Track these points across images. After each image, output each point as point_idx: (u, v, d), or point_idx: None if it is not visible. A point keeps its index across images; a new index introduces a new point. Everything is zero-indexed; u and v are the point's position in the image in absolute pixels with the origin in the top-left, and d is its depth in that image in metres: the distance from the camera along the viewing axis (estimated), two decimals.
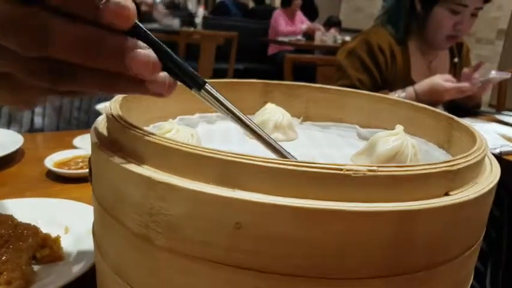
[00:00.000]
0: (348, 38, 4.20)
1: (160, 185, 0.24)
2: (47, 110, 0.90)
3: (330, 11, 5.56)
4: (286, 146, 0.44)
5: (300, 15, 4.41)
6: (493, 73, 1.18)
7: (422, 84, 1.20)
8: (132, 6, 0.23)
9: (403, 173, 0.22)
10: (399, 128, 0.38)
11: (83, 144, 0.75)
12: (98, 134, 0.32)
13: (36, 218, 0.45)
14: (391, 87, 1.27)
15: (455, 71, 1.38)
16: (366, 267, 0.22)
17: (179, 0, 5.20)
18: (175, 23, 3.57)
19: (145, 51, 0.24)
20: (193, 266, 0.24)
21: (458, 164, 0.24)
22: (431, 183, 0.24)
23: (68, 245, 0.44)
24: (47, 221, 0.46)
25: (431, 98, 1.15)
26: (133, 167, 0.25)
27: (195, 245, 0.24)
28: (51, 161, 0.65)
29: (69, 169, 0.64)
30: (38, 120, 0.90)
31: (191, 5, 5.22)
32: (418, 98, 1.17)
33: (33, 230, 0.42)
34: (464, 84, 1.16)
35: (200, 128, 0.48)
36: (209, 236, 0.23)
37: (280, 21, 4.21)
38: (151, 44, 0.25)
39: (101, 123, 0.35)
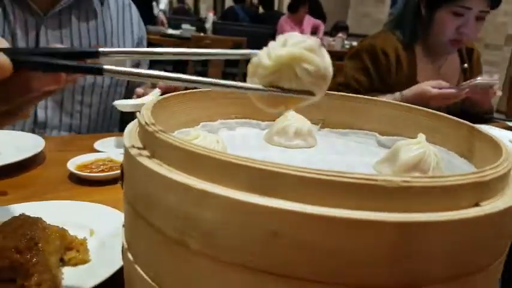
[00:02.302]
0: (354, 43, 4.21)
1: (196, 191, 0.25)
2: (49, 103, 0.92)
3: (337, 16, 5.56)
4: (307, 153, 0.45)
5: (308, 20, 4.42)
6: (479, 79, 1.16)
7: (410, 90, 1.20)
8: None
9: (436, 184, 0.23)
10: (421, 136, 0.38)
11: (104, 147, 0.76)
12: (131, 139, 0.33)
13: (62, 220, 0.46)
14: (396, 91, 1.27)
15: (465, 76, 1.38)
16: (398, 277, 0.23)
17: (188, 6, 5.25)
18: (187, 28, 3.60)
19: None
20: (227, 271, 0.25)
21: (488, 175, 0.25)
22: (462, 194, 0.24)
23: (93, 247, 0.45)
24: (72, 224, 0.47)
25: (417, 103, 1.13)
26: (168, 173, 0.26)
27: (229, 251, 0.24)
28: (73, 164, 0.66)
29: (91, 172, 0.65)
30: (41, 114, 0.92)
31: (203, 11, 5.25)
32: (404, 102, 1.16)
33: (61, 233, 0.43)
34: (450, 91, 1.15)
35: (221, 134, 0.49)
36: (244, 242, 0.24)
37: (285, 27, 4.23)
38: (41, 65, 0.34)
39: (132, 128, 0.36)
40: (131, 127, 0.36)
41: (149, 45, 1.14)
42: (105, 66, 0.36)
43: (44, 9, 0.89)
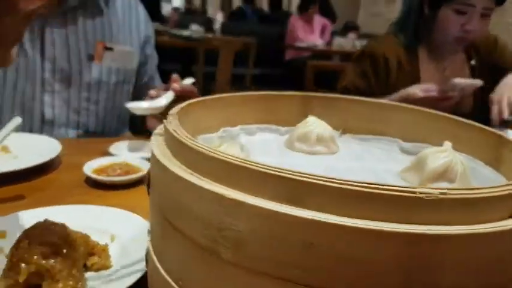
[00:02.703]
0: (365, 43, 4.19)
1: (230, 201, 0.25)
2: (56, 101, 0.93)
3: (348, 16, 5.54)
4: (329, 160, 0.45)
5: (318, 20, 4.41)
6: (455, 81, 1.12)
7: (396, 94, 1.17)
8: None
9: (473, 196, 0.23)
10: (447, 144, 0.38)
11: (118, 151, 0.77)
12: (159, 146, 0.33)
13: (83, 225, 0.47)
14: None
15: (473, 74, 1.34)
16: None
17: (196, 6, 5.26)
18: (195, 29, 3.60)
19: None
20: (260, 281, 0.25)
21: None
22: (497, 205, 0.24)
23: (115, 253, 0.45)
24: (93, 229, 0.47)
25: None
26: (201, 183, 0.26)
27: (262, 261, 0.24)
28: (89, 168, 0.66)
29: (107, 176, 0.66)
30: (48, 111, 0.93)
31: (211, 10, 5.27)
32: None
33: (84, 239, 0.43)
34: (432, 94, 1.11)
35: (241, 140, 0.48)
36: (278, 253, 0.24)
37: (297, 26, 4.22)
38: None
39: (159, 135, 0.36)
40: (157, 133, 0.37)
41: (157, 47, 1.14)
42: None
43: (49, 9, 0.89)
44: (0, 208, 0.57)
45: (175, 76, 0.88)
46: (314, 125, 0.46)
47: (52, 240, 0.39)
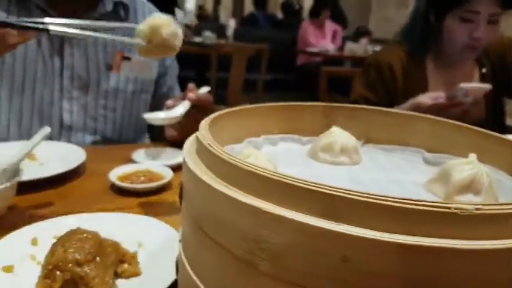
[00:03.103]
0: (377, 48, 4.18)
1: (268, 215, 0.25)
2: (74, 107, 0.95)
3: (359, 21, 5.54)
4: (354, 170, 0.46)
5: (329, 25, 4.42)
6: (462, 85, 1.09)
7: (405, 104, 1.15)
8: None
9: (508, 211, 0.23)
10: (473, 156, 0.38)
11: (141, 158, 0.78)
12: (192, 158, 0.34)
13: (111, 232, 0.48)
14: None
15: (484, 82, 1.30)
16: None
17: (207, 12, 5.31)
18: (208, 35, 3.64)
19: None
20: None
21: None
22: None
23: (143, 260, 0.46)
24: (121, 236, 0.48)
25: None
26: (239, 196, 0.27)
27: (299, 274, 0.25)
28: (114, 175, 0.68)
29: (131, 183, 0.67)
30: (66, 117, 0.95)
31: (223, 17, 5.31)
32: None
33: (115, 246, 0.44)
34: (440, 101, 1.09)
35: (264, 150, 0.49)
36: (314, 266, 0.24)
37: (309, 32, 4.23)
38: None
39: (191, 146, 0.37)
40: (189, 145, 0.38)
41: None
42: (51, 27, 0.57)
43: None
44: (29, 215, 0.59)
45: (191, 85, 0.90)
46: (338, 135, 0.47)
47: (86, 247, 0.40)
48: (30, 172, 0.67)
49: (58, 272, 0.39)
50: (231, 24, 4.23)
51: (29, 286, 0.42)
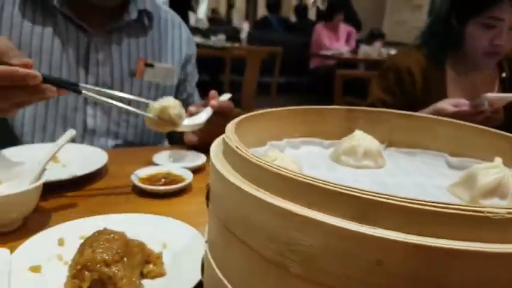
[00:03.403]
0: (392, 51, 4.16)
1: (300, 218, 0.26)
2: (98, 112, 0.97)
3: (373, 24, 5.51)
4: (378, 174, 0.46)
5: (343, 28, 4.41)
6: (488, 95, 1.06)
7: (426, 110, 1.13)
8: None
9: None
10: (498, 160, 0.38)
11: (162, 160, 0.79)
12: (219, 161, 0.34)
13: (136, 233, 0.49)
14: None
15: (503, 87, 1.30)
16: None
17: (220, 16, 5.34)
18: (220, 38, 3.67)
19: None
20: None
21: None
22: None
23: (167, 261, 0.47)
24: (146, 237, 0.49)
25: None
26: (270, 199, 0.27)
27: (331, 276, 0.25)
28: (136, 177, 0.69)
29: (153, 185, 0.68)
30: (90, 122, 0.96)
31: (236, 20, 5.33)
32: None
33: (141, 247, 0.45)
34: (464, 109, 1.07)
35: (287, 153, 0.50)
36: (347, 269, 0.25)
37: (323, 35, 4.23)
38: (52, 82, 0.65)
39: (217, 149, 0.37)
40: (215, 147, 0.38)
41: None
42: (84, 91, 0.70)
43: (95, 29, 0.94)
44: (54, 216, 0.60)
45: (213, 93, 0.91)
46: (361, 139, 0.47)
47: (114, 248, 0.41)
48: (53, 174, 0.69)
49: (86, 272, 0.40)
50: (245, 27, 4.25)
51: (56, 286, 0.43)
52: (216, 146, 0.39)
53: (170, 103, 0.73)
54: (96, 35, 0.94)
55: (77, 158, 0.79)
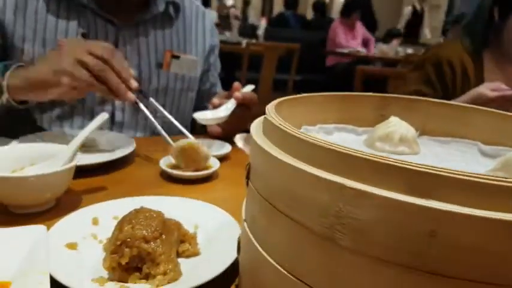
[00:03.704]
0: (409, 50, 4.12)
1: (352, 191, 0.26)
2: (126, 106, 0.98)
3: (390, 23, 5.47)
4: (413, 160, 0.45)
5: (360, 27, 4.38)
6: None
7: (465, 95, 1.13)
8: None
9: None
10: None
11: None
12: (263, 139, 0.35)
13: (169, 214, 0.49)
14: None
15: None
16: None
17: (236, 13, 5.35)
18: (235, 34, 3.68)
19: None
20: (379, 268, 0.26)
21: None
22: None
23: (201, 241, 0.48)
24: (178, 218, 0.49)
25: None
26: (320, 173, 0.28)
27: (383, 248, 0.26)
28: (164, 163, 0.70)
29: (182, 171, 0.69)
30: (118, 114, 0.97)
31: (252, 17, 5.34)
32: None
33: (177, 226, 0.46)
34: (509, 93, 1.07)
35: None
36: (400, 241, 0.25)
37: (339, 32, 4.20)
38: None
39: (257, 128, 0.38)
40: (255, 128, 0.39)
41: None
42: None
43: (122, 21, 0.95)
44: (86, 198, 0.61)
45: (236, 84, 0.91)
46: (397, 125, 0.47)
47: (152, 225, 0.42)
48: (82, 159, 0.70)
49: (126, 248, 0.40)
50: (262, 24, 4.25)
51: (92, 262, 0.44)
52: (255, 127, 0.39)
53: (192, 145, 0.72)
54: (124, 28, 0.95)
55: (106, 144, 0.80)
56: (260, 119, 0.42)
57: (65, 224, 0.49)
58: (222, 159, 0.76)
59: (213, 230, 0.50)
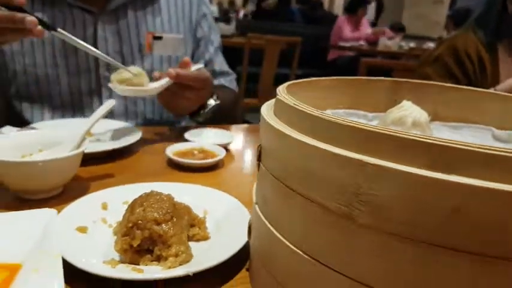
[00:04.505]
0: (412, 45, 4.11)
1: (372, 166, 0.26)
2: (113, 93, 0.93)
3: (392, 17, 5.45)
4: None
5: (365, 22, 4.37)
6: None
7: (504, 84, 1.13)
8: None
9: None
10: None
11: (193, 137, 0.80)
12: (275, 120, 0.34)
13: (178, 200, 0.49)
14: None
15: None
16: None
17: (238, 7, 5.33)
18: (231, 27, 3.66)
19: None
20: (399, 245, 0.25)
21: None
22: None
23: (210, 226, 0.47)
24: (187, 204, 0.49)
25: None
26: (339, 151, 0.27)
27: (403, 225, 0.25)
28: (170, 152, 0.70)
29: (188, 159, 0.69)
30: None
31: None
32: None
33: (187, 210, 0.45)
34: None
35: None
36: (421, 217, 0.24)
37: (344, 27, 4.19)
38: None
39: (268, 110, 0.37)
40: (265, 109, 0.38)
41: None
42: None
43: (99, 8, 0.92)
44: (93, 185, 0.61)
45: (185, 59, 0.82)
46: (410, 109, 0.46)
47: (163, 208, 0.41)
48: (89, 147, 0.69)
49: (137, 230, 0.40)
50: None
51: (103, 245, 0.44)
52: (266, 109, 0.39)
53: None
54: (102, 15, 0.92)
55: (110, 132, 0.80)
56: (271, 101, 0.41)
57: (74, 208, 0.49)
58: (226, 147, 0.76)
59: (222, 215, 0.50)
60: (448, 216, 0.24)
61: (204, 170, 0.69)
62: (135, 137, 0.76)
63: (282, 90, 0.39)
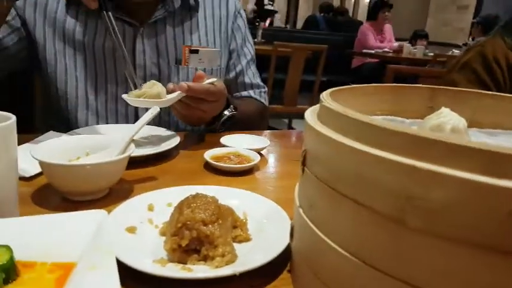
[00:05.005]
0: (436, 51, 4.06)
1: (424, 172, 0.27)
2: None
3: (416, 25, 5.39)
4: None
5: (388, 28, 4.34)
6: None
7: None
8: None
9: None
10: None
11: (229, 142, 0.82)
12: (321, 126, 0.36)
13: (220, 202, 0.51)
14: None
15: None
16: None
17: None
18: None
19: None
20: (452, 249, 0.26)
21: None
22: None
23: (251, 228, 0.49)
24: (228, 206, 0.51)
25: None
26: (390, 156, 0.28)
27: (458, 229, 0.26)
28: (208, 156, 0.72)
29: (225, 163, 0.71)
30: (142, 114, 0.94)
31: (276, 21, 5.36)
32: None
33: (230, 211, 0.47)
34: None
35: None
36: (476, 222, 0.25)
37: (369, 35, 4.18)
38: None
39: (312, 116, 0.39)
40: (309, 115, 0.40)
41: None
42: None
43: (140, 21, 0.95)
44: (138, 187, 0.63)
45: (199, 73, 0.83)
46: (448, 116, 0.47)
47: (210, 209, 0.43)
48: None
49: (186, 231, 0.42)
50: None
51: (151, 246, 0.46)
52: (310, 114, 0.41)
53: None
54: (141, 27, 0.95)
55: (149, 138, 0.83)
56: (314, 107, 0.43)
57: (123, 210, 0.51)
58: (259, 152, 0.78)
59: (261, 217, 0.51)
60: (502, 220, 0.24)
61: (240, 174, 0.71)
62: (174, 141, 0.79)
63: (326, 96, 0.41)
